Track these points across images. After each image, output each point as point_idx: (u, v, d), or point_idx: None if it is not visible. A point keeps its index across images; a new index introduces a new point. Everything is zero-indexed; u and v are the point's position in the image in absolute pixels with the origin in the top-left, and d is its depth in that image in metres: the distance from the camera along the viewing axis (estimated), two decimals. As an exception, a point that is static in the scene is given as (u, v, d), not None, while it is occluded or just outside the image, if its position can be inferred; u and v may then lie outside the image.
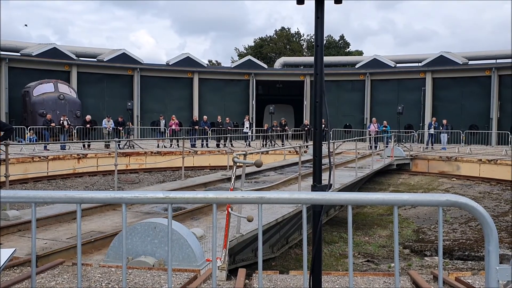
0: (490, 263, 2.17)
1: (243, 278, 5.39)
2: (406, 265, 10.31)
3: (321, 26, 3.30)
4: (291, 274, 5.84)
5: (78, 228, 2.35)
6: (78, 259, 2.36)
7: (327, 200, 2.47)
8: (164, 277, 5.07)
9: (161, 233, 5.54)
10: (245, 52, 62.06)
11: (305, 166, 16.07)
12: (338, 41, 64.28)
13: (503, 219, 14.29)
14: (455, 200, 2.23)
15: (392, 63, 37.64)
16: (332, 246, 12.16)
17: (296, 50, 60.40)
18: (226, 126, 28.54)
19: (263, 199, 2.31)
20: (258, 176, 15.44)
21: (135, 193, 2.36)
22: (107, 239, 6.63)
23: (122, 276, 2.28)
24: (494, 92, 32.51)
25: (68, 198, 2.41)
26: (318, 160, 3.34)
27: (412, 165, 22.93)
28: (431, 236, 13.27)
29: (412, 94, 35.23)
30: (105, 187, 18.43)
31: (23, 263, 5.41)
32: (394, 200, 2.33)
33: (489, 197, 17.27)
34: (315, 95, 3.32)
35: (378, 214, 16.29)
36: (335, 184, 12.57)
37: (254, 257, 8.52)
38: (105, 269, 5.34)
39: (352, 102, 37.65)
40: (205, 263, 5.61)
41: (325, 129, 14.98)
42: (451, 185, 19.74)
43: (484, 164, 20.35)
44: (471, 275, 5.87)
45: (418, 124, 34.40)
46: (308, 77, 37.68)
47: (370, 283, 5.45)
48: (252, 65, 39.19)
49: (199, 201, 2.43)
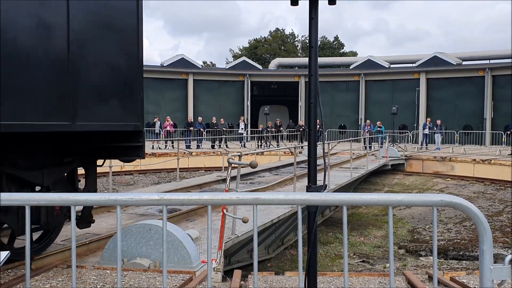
0: (484, 263, 2.18)
1: (238, 279, 5.39)
2: (401, 265, 10.34)
3: (315, 27, 3.31)
4: (286, 275, 5.84)
5: (73, 230, 2.35)
6: (73, 261, 2.35)
7: (322, 201, 2.47)
8: (159, 279, 5.06)
9: (156, 235, 5.53)
10: (239, 53, 62.08)
11: (300, 166, 16.08)
12: (332, 42, 64.42)
13: (497, 219, 14.36)
14: (450, 200, 2.24)
15: (386, 64, 37.76)
16: (328, 247, 12.17)
17: (291, 51, 60.51)
18: (221, 127, 28.51)
19: (258, 200, 2.31)
20: (253, 177, 15.43)
21: (130, 195, 2.36)
22: (102, 241, 6.61)
23: (117, 278, 2.27)
24: (487, 92, 32.67)
25: (62, 201, 2.40)
26: (313, 160, 3.35)
27: (406, 166, 23.01)
28: (426, 236, 13.31)
29: (406, 94, 35.34)
30: (100, 189, 18.37)
31: (17, 266, 5.39)
32: (389, 201, 2.33)
33: (483, 197, 17.35)
34: (310, 96, 3.33)
35: (373, 214, 16.33)
36: (330, 184, 12.59)
37: (249, 258, 8.51)
38: (100, 271, 5.33)
39: (346, 102, 37.73)
40: (200, 265, 5.60)
41: (320, 130, 15.00)
42: (445, 185, 19.82)
43: (478, 164, 20.44)
44: (465, 274, 5.90)
45: (413, 125, 34.52)
46: (303, 78, 37.72)
47: (365, 283, 5.46)
48: (246, 66, 39.20)
49: (194, 203, 2.42)
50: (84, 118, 5.21)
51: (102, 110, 5.53)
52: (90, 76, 5.28)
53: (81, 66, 5.12)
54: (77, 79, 5.06)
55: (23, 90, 4.49)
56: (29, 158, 5.56)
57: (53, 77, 4.78)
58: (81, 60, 5.10)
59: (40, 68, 4.65)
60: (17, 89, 4.42)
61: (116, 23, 5.70)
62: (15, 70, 4.39)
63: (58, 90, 4.85)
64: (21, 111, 4.48)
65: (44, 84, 4.69)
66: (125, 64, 5.89)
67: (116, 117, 5.76)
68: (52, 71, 4.77)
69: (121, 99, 5.85)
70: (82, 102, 5.14)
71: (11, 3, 4.31)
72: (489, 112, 32.71)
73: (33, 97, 4.59)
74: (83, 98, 5.17)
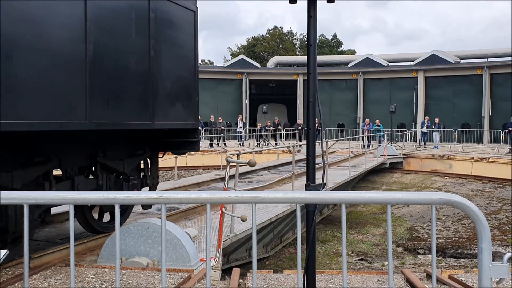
0: (483, 261, 2.19)
1: (237, 277, 5.39)
2: (399, 263, 10.35)
3: (313, 25, 3.30)
4: (285, 273, 5.84)
5: (71, 229, 2.34)
6: (71, 260, 2.35)
7: (320, 199, 2.47)
8: (158, 278, 5.06)
9: (154, 233, 5.53)
10: (237, 51, 62.04)
11: (299, 165, 16.09)
12: (331, 40, 64.44)
13: (496, 217, 14.39)
14: (448, 199, 2.24)
15: (384, 62, 37.79)
16: (326, 245, 12.19)
17: (289, 50, 60.48)
18: (219, 126, 28.48)
19: (257, 199, 2.31)
20: (251, 175, 15.44)
21: (128, 193, 2.35)
22: (100, 240, 6.60)
23: (115, 277, 2.27)
24: (485, 90, 32.72)
25: (61, 199, 2.39)
26: (311, 159, 3.35)
27: (405, 164, 23.03)
28: (424, 234, 13.33)
29: (405, 93, 35.38)
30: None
31: (16, 265, 5.38)
32: (388, 199, 2.33)
33: (482, 195, 17.38)
34: (308, 95, 3.32)
35: (371, 212, 16.35)
36: (329, 183, 12.60)
37: (248, 257, 8.52)
38: (98, 269, 5.32)
39: (345, 101, 37.75)
40: (199, 263, 5.60)
41: (318, 129, 15.01)
42: (443, 183, 19.85)
43: (476, 162, 20.47)
44: (464, 272, 5.91)
45: (411, 123, 34.56)
46: (301, 76, 37.72)
47: (364, 281, 5.47)
48: (245, 65, 39.18)
49: (193, 201, 2.42)
50: (160, 118, 6.56)
51: (171, 112, 6.88)
52: (163, 85, 6.65)
53: (158, 78, 6.50)
54: (155, 88, 6.44)
55: (120, 97, 5.86)
56: (115, 150, 6.87)
57: (139, 87, 6.19)
58: (157, 74, 6.48)
59: (132, 80, 6.06)
60: (116, 97, 5.79)
61: (180, 43, 7.05)
62: (118, 82, 5.82)
63: (143, 97, 6.26)
64: (119, 113, 5.85)
65: (134, 93, 6.11)
66: (186, 74, 7.26)
67: (180, 117, 7.15)
68: (139, 82, 6.18)
69: (184, 103, 7.21)
70: (158, 106, 6.51)
71: (125, 45, 5.91)
72: (487, 110, 32.76)
73: (127, 101, 6.01)
74: (159, 103, 6.53)
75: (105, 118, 5.52)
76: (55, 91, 4.88)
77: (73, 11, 5.06)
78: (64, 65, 4.99)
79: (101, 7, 5.44)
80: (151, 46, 6.28)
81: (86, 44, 5.18)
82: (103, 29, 5.45)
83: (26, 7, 4.55)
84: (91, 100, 5.30)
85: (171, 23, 6.75)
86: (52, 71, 4.84)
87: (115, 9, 5.76)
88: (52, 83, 4.85)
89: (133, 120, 6.07)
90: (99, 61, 5.42)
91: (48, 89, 4.79)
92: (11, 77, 4.40)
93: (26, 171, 5.45)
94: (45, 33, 4.74)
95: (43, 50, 4.72)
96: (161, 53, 6.54)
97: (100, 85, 5.45)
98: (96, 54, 5.35)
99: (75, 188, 6.15)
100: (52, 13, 4.82)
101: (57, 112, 4.92)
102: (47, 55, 4.78)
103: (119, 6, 5.83)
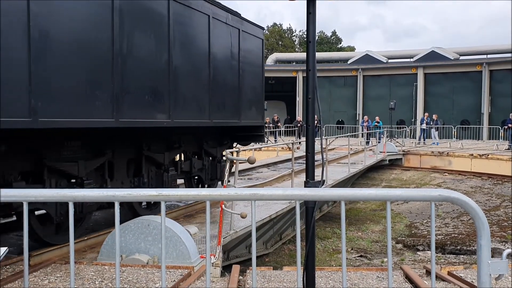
0: (482, 257, 2.19)
1: (237, 274, 5.40)
2: (399, 260, 10.38)
3: (313, 21, 3.30)
4: (284, 270, 5.85)
5: (70, 227, 2.34)
6: (71, 257, 2.35)
7: (320, 196, 2.47)
8: (158, 275, 5.07)
9: (154, 231, 5.53)
10: (237, 48, 61.92)
11: (298, 162, 16.08)
12: (330, 37, 64.36)
13: (495, 213, 14.41)
14: (447, 195, 2.24)
15: (384, 59, 37.75)
16: (325, 242, 12.20)
17: (288, 46, 60.44)
18: (218, 123, 28.44)
19: (257, 196, 2.31)
20: (251, 173, 15.44)
21: (128, 190, 2.35)
22: (100, 237, 6.60)
23: (115, 274, 2.28)
24: (485, 87, 32.71)
25: (61, 197, 2.39)
26: (311, 156, 3.35)
27: (404, 161, 23.05)
28: (423, 231, 13.36)
29: (404, 89, 35.37)
30: (98, 185, 18.31)
31: (16, 262, 5.38)
32: (387, 196, 2.33)
33: (481, 191, 17.39)
34: (308, 91, 3.32)
35: (371, 209, 16.37)
36: (328, 180, 12.60)
37: (248, 254, 8.53)
38: (98, 267, 5.33)
39: (344, 98, 37.73)
40: (199, 260, 5.61)
41: (317, 125, 14.99)
42: (443, 180, 19.87)
43: (475, 158, 20.48)
44: (463, 269, 5.92)
45: (410, 120, 34.56)
46: (301, 73, 37.69)
47: (363, 278, 5.48)
48: (244, 62, 39.10)
49: (193, 198, 2.42)
50: (243, 117, 9.27)
51: (249, 113, 9.61)
52: (245, 94, 9.34)
53: (242, 89, 9.20)
54: (241, 97, 9.16)
55: (225, 104, 8.66)
56: (212, 140, 9.69)
57: (234, 96, 8.95)
58: (242, 86, 9.18)
59: (231, 92, 8.83)
60: (223, 104, 8.60)
61: (254, 62, 9.76)
62: (224, 94, 8.60)
63: (235, 103, 9.01)
64: (225, 115, 8.74)
65: (231, 101, 8.83)
66: (257, 85, 9.98)
67: (254, 117, 9.86)
68: (233, 93, 8.90)
69: (256, 106, 9.94)
70: (242, 109, 9.22)
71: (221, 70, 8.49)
72: (487, 107, 32.77)
73: (229, 107, 8.79)
74: (243, 107, 9.25)
75: (219, 118, 8.34)
76: (199, 102, 7.72)
77: (204, 46, 7.85)
78: (202, 84, 7.78)
79: (218, 47, 8.22)
80: (239, 67, 8.99)
81: (209, 70, 7.91)
82: (218, 59, 8.23)
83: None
84: (211, 106, 7.98)
85: (251, 49, 9.53)
86: (199, 90, 7.69)
87: (227, 47, 8.61)
88: (195, 95, 7.60)
89: (230, 120, 8.88)
90: (215, 79, 8.09)
91: (192, 100, 7.51)
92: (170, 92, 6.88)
93: (171, 154, 8.35)
94: (194, 64, 7.68)
95: (194, 75, 7.60)
96: (244, 71, 9.22)
97: (216, 96, 8.12)
98: (214, 75, 8.07)
99: (192, 166, 8.98)
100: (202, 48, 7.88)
101: (195, 113, 7.68)
102: (196, 79, 7.64)
103: (227, 43, 8.66)
